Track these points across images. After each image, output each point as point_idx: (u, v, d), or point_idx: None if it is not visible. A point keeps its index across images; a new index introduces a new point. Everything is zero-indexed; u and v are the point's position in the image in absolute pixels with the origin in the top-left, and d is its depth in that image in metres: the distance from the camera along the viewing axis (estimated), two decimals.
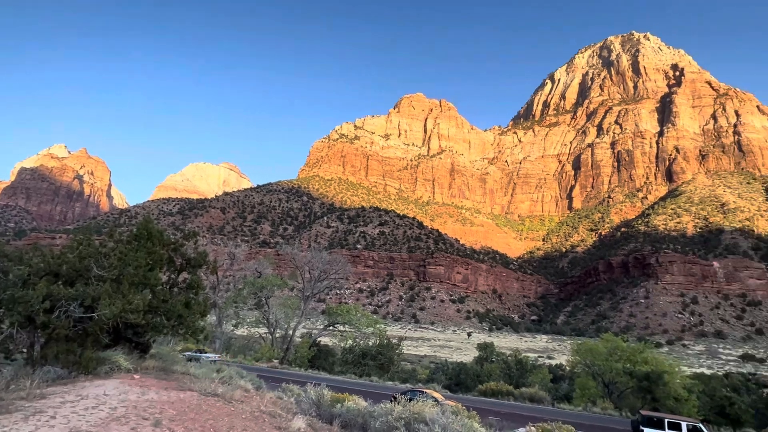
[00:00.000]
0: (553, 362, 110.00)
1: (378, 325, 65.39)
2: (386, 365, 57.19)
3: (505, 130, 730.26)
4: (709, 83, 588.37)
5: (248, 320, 70.84)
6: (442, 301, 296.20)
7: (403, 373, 59.83)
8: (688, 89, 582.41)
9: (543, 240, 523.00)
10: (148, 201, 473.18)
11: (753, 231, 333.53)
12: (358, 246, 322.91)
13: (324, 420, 14.91)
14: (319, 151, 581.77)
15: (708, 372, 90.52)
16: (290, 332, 64.70)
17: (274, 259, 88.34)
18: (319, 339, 70.94)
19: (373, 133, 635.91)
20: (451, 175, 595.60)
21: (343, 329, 65.41)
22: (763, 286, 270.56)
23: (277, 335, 68.14)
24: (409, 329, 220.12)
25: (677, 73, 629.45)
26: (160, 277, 19.18)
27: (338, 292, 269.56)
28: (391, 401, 18.16)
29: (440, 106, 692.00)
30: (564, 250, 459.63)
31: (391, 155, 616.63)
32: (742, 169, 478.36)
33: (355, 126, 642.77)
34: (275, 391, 20.37)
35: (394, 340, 64.25)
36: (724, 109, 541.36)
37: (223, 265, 63.54)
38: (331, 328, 67.37)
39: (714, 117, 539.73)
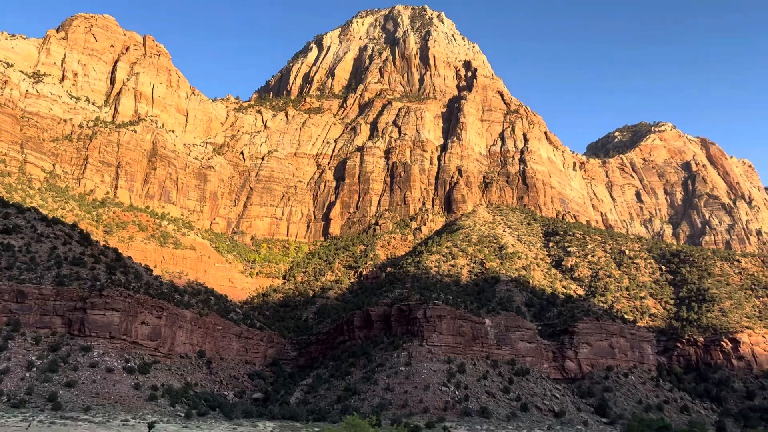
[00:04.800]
0: None
1: None
2: None
3: (246, 105, 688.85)
4: (501, 94, 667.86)
5: None
6: (111, 370, 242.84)
7: None
8: (479, 97, 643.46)
9: (284, 277, 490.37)
10: None
11: (528, 283, 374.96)
12: None
13: None
14: None
15: None
16: None
17: None
18: None
19: (9, 65, 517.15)
20: (151, 161, 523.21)
21: None
22: (533, 350, 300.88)
23: None
24: (39, 422, 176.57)
25: (469, 74, 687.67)
26: None
27: None
28: None
29: (144, 46, 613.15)
30: (312, 293, 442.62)
31: (44, 112, 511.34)
32: (524, 205, 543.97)
33: None
34: None
35: None
36: (513, 129, 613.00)
37: None
38: None
39: (502, 137, 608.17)
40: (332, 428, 60.40)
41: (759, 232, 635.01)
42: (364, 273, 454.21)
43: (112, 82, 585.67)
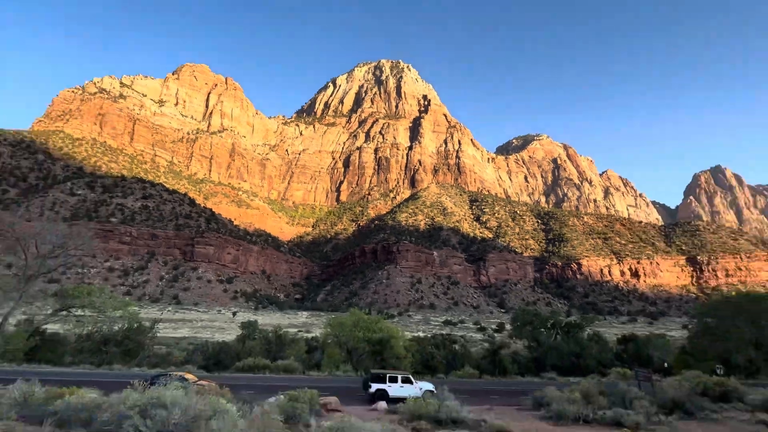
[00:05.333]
0: (310, 335, 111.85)
1: (129, 308, 55.90)
2: (134, 350, 50.79)
3: (289, 120, 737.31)
4: (445, 115, 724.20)
5: None
6: (209, 281, 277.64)
7: (155, 358, 53.63)
8: (432, 117, 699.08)
9: (313, 227, 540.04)
10: None
11: (459, 230, 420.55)
12: (113, 219, 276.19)
13: (31, 422, 11.52)
14: (67, 103, 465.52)
15: (422, 335, 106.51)
16: None
17: None
18: (44, 327, 55.26)
19: (144, 95, 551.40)
20: (231, 155, 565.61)
21: (82, 314, 53.10)
22: (462, 270, 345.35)
23: None
24: (168, 311, 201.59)
25: (426, 103, 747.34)
26: None
27: (80, 271, 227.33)
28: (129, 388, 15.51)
29: (226, 83, 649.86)
30: (329, 236, 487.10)
31: (165, 124, 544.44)
32: (458, 184, 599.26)
33: (122, 83, 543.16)
34: None
35: (147, 323, 56.71)
36: (452, 137, 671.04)
37: None
38: (64, 313, 53.23)
39: (445, 142, 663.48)
40: (342, 315, 58.18)
41: (595, 201, 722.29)
42: (361, 224, 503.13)
43: (207, 106, 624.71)
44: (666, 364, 54.56)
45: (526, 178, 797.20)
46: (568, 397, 26.00)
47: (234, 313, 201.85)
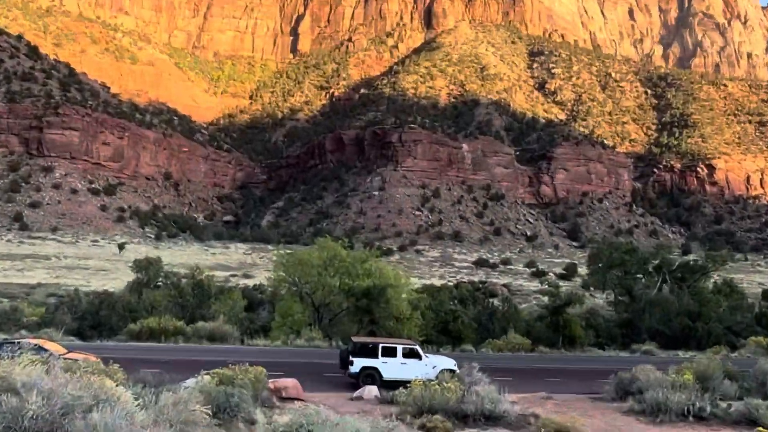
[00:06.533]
0: (251, 282, 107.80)
1: None
2: None
3: None
4: None
5: None
6: (75, 191, 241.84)
7: None
8: None
9: (251, 98, 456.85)
10: None
11: (509, 106, 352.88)
12: None
13: None
14: None
15: (439, 283, 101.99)
16: None
17: None
18: None
19: None
20: None
21: None
22: (509, 176, 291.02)
23: None
24: (7, 240, 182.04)
25: None
26: None
27: None
28: None
29: None
30: (281, 115, 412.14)
31: None
32: (510, 21, 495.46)
33: None
34: None
35: None
36: None
37: None
38: None
39: None
40: (304, 251, 52.52)
41: (750, 55, 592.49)
42: (336, 94, 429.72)
43: None
44: None
45: (631, 12, 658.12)
46: (674, 381, 23.74)
47: (121, 246, 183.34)
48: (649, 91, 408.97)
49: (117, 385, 12.98)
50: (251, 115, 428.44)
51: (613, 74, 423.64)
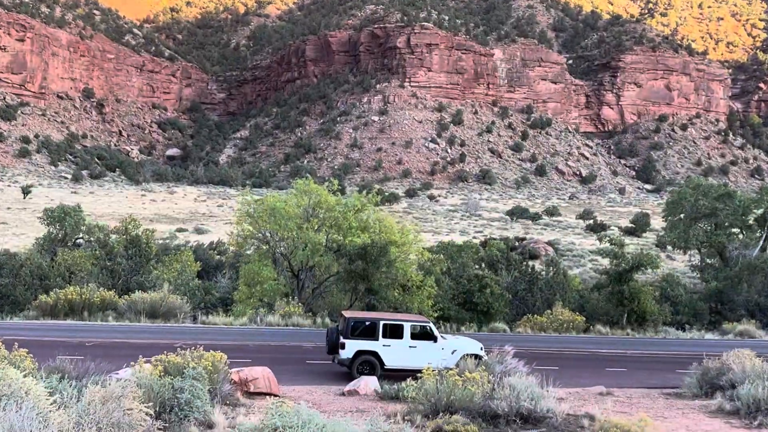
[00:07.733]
0: (207, 239, 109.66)
1: None
2: None
3: None
4: None
5: None
6: None
7: None
8: None
9: None
10: None
11: None
12: None
13: None
14: None
15: (460, 240, 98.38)
16: None
17: None
18: None
19: None
20: None
21: None
22: (559, 94, 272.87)
23: None
24: None
25: None
26: None
27: None
28: None
29: None
30: (244, 9, 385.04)
31: None
32: None
33: None
34: None
35: None
36: None
37: None
38: None
39: None
40: (278, 196, 51.32)
41: None
42: None
43: None
44: None
45: None
46: None
47: (26, 190, 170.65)
48: None
49: (25, 376, 13.33)
50: (203, 9, 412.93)
51: None
